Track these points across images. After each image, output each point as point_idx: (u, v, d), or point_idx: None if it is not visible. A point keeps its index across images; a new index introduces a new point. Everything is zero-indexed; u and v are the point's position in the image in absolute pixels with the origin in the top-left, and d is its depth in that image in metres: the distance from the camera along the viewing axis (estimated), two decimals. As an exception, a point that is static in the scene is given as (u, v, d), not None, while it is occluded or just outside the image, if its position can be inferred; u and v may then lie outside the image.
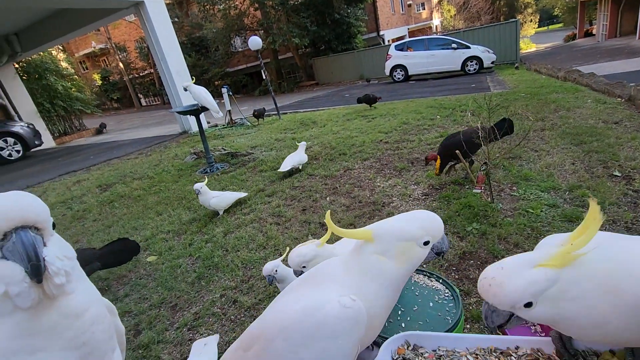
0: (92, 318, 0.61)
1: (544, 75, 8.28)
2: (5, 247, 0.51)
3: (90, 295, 0.63)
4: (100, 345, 0.62)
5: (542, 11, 41.03)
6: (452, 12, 25.51)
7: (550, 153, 3.06)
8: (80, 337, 0.58)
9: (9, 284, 0.51)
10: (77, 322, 0.58)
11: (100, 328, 0.63)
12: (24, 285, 0.51)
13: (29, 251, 0.51)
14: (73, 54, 25.99)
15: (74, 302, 0.58)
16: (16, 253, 0.50)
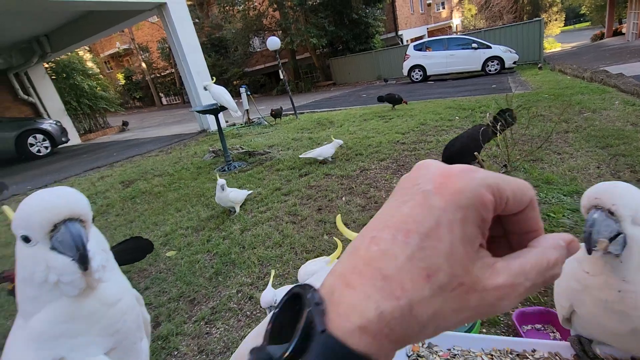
0: (124, 308, 0.64)
1: (569, 76, 8.02)
2: (55, 238, 0.55)
3: (123, 286, 0.67)
4: (130, 333, 0.66)
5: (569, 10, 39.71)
6: (473, 11, 25.01)
7: (574, 156, 2.97)
8: (113, 325, 0.62)
9: (61, 274, 0.55)
10: (111, 311, 0.62)
11: (131, 318, 0.66)
12: (76, 276, 0.56)
13: (76, 241, 0.55)
14: (98, 54, 26.90)
15: (110, 291, 0.62)
16: (65, 243, 0.54)
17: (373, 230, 0.21)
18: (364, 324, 0.18)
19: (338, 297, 0.20)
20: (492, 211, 0.21)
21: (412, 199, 0.21)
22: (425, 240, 0.20)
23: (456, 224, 0.20)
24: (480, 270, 0.20)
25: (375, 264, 0.20)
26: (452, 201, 0.20)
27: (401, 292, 0.19)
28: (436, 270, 0.19)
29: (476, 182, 0.20)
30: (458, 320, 0.20)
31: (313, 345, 0.18)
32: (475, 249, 0.20)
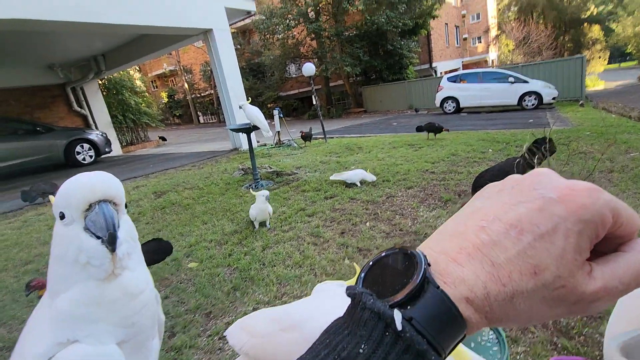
0: (144, 302, 0.65)
1: (614, 115, 7.65)
2: (89, 217, 0.57)
3: (146, 279, 0.67)
4: (144, 329, 0.66)
5: (613, 48, 38.54)
6: (510, 46, 24.81)
7: (620, 197, 2.76)
8: (131, 317, 0.62)
9: (91, 256, 0.57)
10: (132, 302, 0.62)
11: (148, 314, 0.67)
12: (105, 260, 0.58)
13: (108, 221, 0.57)
14: (147, 73, 28.96)
15: (133, 282, 0.63)
16: (97, 222, 0.57)
17: (482, 220, 0.23)
18: (471, 297, 0.21)
19: (444, 268, 0.22)
20: (606, 231, 0.22)
21: (529, 202, 0.23)
22: (539, 241, 0.21)
23: (573, 234, 0.21)
24: (582, 276, 0.22)
25: (485, 250, 0.22)
26: (574, 213, 0.21)
27: (507, 280, 0.21)
28: (544, 269, 0.21)
29: (601, 202, 0.22)
30: (551, 315, 0.23)
31: (427, 296, 0.21)
32: (583, 259, 0.22)
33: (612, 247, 0.24)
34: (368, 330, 0.21)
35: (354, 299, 0.23)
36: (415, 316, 0.21)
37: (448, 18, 24.02)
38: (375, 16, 14.51)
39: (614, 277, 0.22)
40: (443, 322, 0.21)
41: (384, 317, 0.21)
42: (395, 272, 0.24)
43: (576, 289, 0.22)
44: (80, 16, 5.33)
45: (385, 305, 0.22)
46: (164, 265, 2.45)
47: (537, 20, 25.82)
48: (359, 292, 0.23)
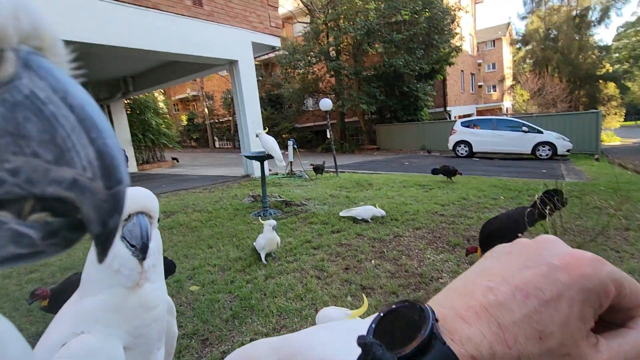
0: (155, 316, 0.67)
1: (630, 172, 7.57)
2: (126, 227, 0.63)
3: (163, 295, 0.71)
4: (150, 342, 0.67)
5: (629, 106, 38.78)
6: (525, 96, 25.25)
7: (636, 257, 2.69)
8: (141, 329, 0.65)
9: (123, 264, 0.62)
10: (146, 315, 0.65)
11: (157, 328, 0.69)
12: (134, 270, 0.62)
13: (143, 231, 0.62)
14: (170, 97, 30.23)
15: (151, 295, 0.66)
16: (133, 232, 0.62)
17: (489, 282, 0.24)
18: (477, 356, 0.21)
19: (452, 326, 0.23)
20: (609, 301, 0.23)
21: (535, 267, 0.23)
22: (544, 306, 0.22)
23: (577, 302, 0.22)
24: (587, 347, 0.22)
25: (492, 311, 0.23)
26: (578, 282, 0.22)
27: (513, 343, 0.21)
28: (549, 335, 0.22)
29: (604, 273, 0.23)
30: None
31: (434, 352, 0.21)
32: (587, 329, 0.22)
33: (619, 319, 0.24)
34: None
35: (364, 349, 0.23)
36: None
37: (464, 65, 24.78)
38: (393, 59, 15.09)
39: (619, 353, 0.22)
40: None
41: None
42: (404, 325, 0.24)
43: (581, 358, 0.22)
44: (117, 41, 5.72)
45: (394, 357, 0.22)
46: (166, 286, 2.43)
47: (552, 74, 26.38)
48: (370, 343, 0.23)
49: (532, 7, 31.74)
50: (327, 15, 16.21)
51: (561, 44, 28.83)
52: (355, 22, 15.00)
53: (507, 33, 33.44)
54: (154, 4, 6.13)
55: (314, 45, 16.86)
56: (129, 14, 5.81)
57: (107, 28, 5.55)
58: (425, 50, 15.72)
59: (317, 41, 16.95)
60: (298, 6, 19.75)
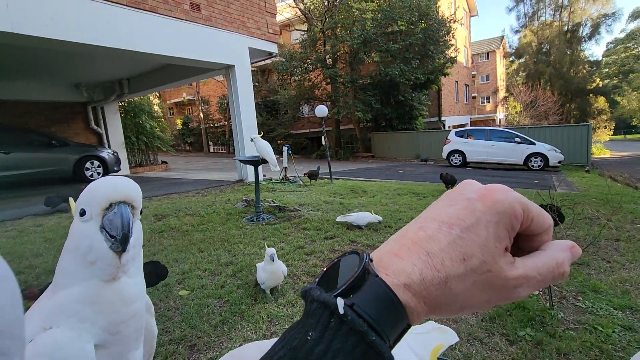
0: (133, 312, 0.64)
1: (620, 184, 7.68)
2: (107, 216, 0.60)
3: (141, 290, 0.67)
4: (127, 340, 0.64)
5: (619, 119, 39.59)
6: (518, 108, 25.64)
7: (627, 267, 2.71)
8: (118, 325, 0.62)
9: (99, 258, 0.59)
10: (123, 309, 0.62)
11: (135, 325, 0.65)
12: (112, 264, 0.60)
13: (124, 221, 0.60)
14: (166, 100, 30.13)
15: (130, 290, 0.63)
16: (114, 221, 0.59)
17: (421, 222, 0.28)
18: (409, 283, 0.24)
19: (386, 262, 0.26)
20: (519, 222, 0.26)
21: (457, 203, 0.27)
22: (465, 232, 0.25)
23: (491, 224, 0.25)
24: (505, 264, 0.25)
25: (421, 244, 0.26)
26: (491, 207, 0.26)
27: (441, 267, 0.25)
28: (471, 256, 0.25)
29: (512, 197, 0.26)
30: (483, 299, 0.25)
31: (367, 285, 0.24)
32: (503, 247, 0.26)
33: (534, 247, 0.28)
34: (316, 318, 0.24)
35: (305, 296, 0.26)
36: (356, 302, 0.23)
37: (459, 76, 25.13)
38: (389, 68, 15.25)
39: (533, 269, 0.26)
40: (382, 306, 0.24)
41: (329, 305, 0.23)
42: (344, 271, 0.27)
43: (500, 274, 0.25)
44: (114, 42, 5.69)
45: (330, 295, 0.24)
46: (154, 290, 2.38)
47: (544, 87, 26.85)
48: (309, 289, 0.26)
49: (525, 21, 32.44)
50: (325, 23, 16.36)
51: (553, 58, 29.44)
52: (352, 31, 15.16)
53: (501, 46, 34.07)
54: (152, 7, 6.13)
55: (311, 52, 16.97)
56: (126, 17, 5.80)
57: (104, 30, 5.52)
58: (420, 61, 15.91)
59: (314, 49, 17.08)
60: (296, 14, 19.93)
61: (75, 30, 5.19)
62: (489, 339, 1.79)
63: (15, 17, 4.58)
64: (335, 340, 0.22)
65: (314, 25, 16.92)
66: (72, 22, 5.13)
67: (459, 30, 21.21)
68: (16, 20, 4.59)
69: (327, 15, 16.32)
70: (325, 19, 16.37)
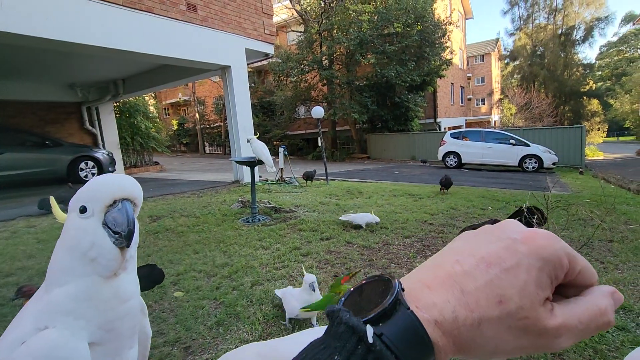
0: (128, 309, 0.64)
1: (613, 185, 7.76)
2: (110, 213, 0.61)
3: (136, 287, 0.68)
4: (122, 338, 0.64)
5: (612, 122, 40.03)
6: (512, 110, 25.86)
7: (620, 268, 2.73)
8: (113, 322, 0.62)
9: (101, 253, 0.59)
10: (119, 307, 0.62)
11: (130, 323, 0.65)
12: (113, 259, 0.60)
13: (129, 217, 0.61)
14: (161, 101, 30.01)
15: (126, 286, 0.64)
16: (118, 218, 0.60)
17: (457, 256, 0.26)
18: (440, 320, 0.23)
19: (417, 294, 0.25)
20: (564, 273, 0.25)
21: (499, 242, 0.26)
22: (504, 274, 0.24)
23: (534, 269, 0.24)
24: (544, 312, 0.24)
25: (457, 279, 0.25)
26: (535, 252, 0.25)
27: (475, 307, 0.23)
28: (508, 299, 0.23)
29: (558, 245, 0.25)
30: (516, 346, 0.24)
31: (397, 316, 0.23)
32: (544, 296, 0.24)
33: (572, 294, 0.27)
34: (342, 342, 0.23)
35: (331, 316, 0.25)
36: (385, 332, 0.23)
37: (454, 78, 25.28)
38: (385, 70, 15.31)
39: (573, 317, 0.25)
40: (411, 341, 0.23)
41: (357, 331, 0.23)
42: (372, 296, 0.26)
43: (538, 322, 0.24)
44: (109, 42, 5.65)
45: (359, 320, 0.23)
46: (149, 292, 2.36)
47: (538, 89, 27.11)
48: (337, 310, 0.25)
49: (520, 24, 32.76)
50: (321, 25, 16.39)
51: (547, 60, 29.74)
52: (348, 33, 15.21)
53: (496, 48, 34.35)
54: (148, 7, 6.10)
55: (307, 54, 17.00)
56: (122, 16, 5.76)
57: (99, 29, 5.49)
58: (416, 62, 15.99)
59: (311, 50, 17.10)
60: (292, 15, 19.95)
61: (70, 30, 5.15)
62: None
63: (10, 16, 4.54)
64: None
65: (311, 27, 16.95)
66: (66, 22, 5.09)
67: (454, 33, 21.35)
68: (10, 20, 4.55)
69: (323, 16, 16.35)
70: (321, 21, 16.40)
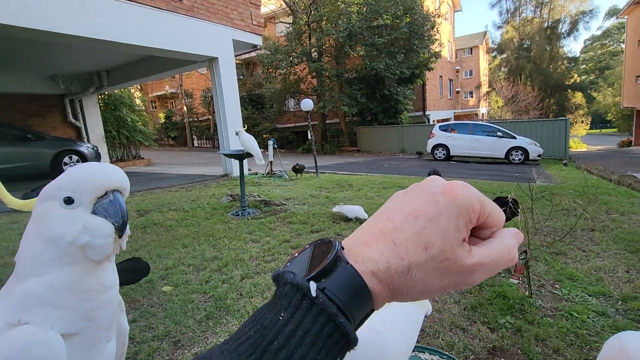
0: (109, 297, 0.64)
1: (595, 176, 7.96)
2: (100, 204, 0.61)
3: (116, 276, 0.68)
4: (102, 327, 0.64)
5: (595, 114, 40.95)
6: (499, 103, 26.19)
7: (601, 256, 2.81)
8: (95, 311, 0.61)
9: (95, 236, 0.58)
10: (101, 295, 0.62)
11: (110, 312, 0.65)
12: (110, 240, 0.60)
13: (123, 209, 0.61)
14: (147, 93, 29.36)
15: (110, 274, 0.64)
16: (111, 210, 0.60)
17: (389, 214, 0.30)
18: (375, 270, 0.26)
19: (356, 250, 0.28)
20: (477, 216, 0.29)
21: (423, 196, 0.29)
22: (428, 223, 0.27)
23: (452, 216, 0.28)
24: (462, 252, 0.28)
25: (389, 234, 0.28)
26: (453, 201, 0.28)
27: (405, 255, 0.27)
28: (432, 245, 0.27)
29: (471, 193, 0.29)
30: (440, 285, 0.28)
31: (338, 271, 0.26)
32: (461, 238, 0.28)
33: (487, 236, 0.31)
34: (288, 299, 0.25)
35: (276, 279, 0.27)
36: (328, 286, 0.25)
37: (443, 71, 25.40)
38: (374, 62, 15.27)
39: (487, 255, 0.28)
40: (351, 291, 0.25)
41: (301, 288, 0.25)
42: (315, 257, 0.28)
43: (457, 261, 0.27)
44: (91, 32, 5.48)
45: (303, 279, 0.25)
46: (136, 287, 2.34)
47: (525, 82, 27.49)
48: (282, 272, 0.27)
49: (507, 17, 33.01)
50: (310, 16, 16.21)
51: (534, 54, 30.11)
52: (337, 25, 15.09)
53: (484, 41, 34.58)
54: (131, -4, 5.93)
55: (296, 45, 16.81)
56: (104, 5, 5.59)
57: (80, 19, 5.31)
58: (405, 55, 16.00)
59: (300, 42, 16.92)
60: (280, 6, 19.67)
61: (49, 19, 4.97)
62: (470, 327, 1.84)
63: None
64: (305, 320, 0.24)
65: (299, 18, 16.75)
66: (46, 11, 4.91)
67: (443, 25, 21.39)
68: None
69: (312, 7, 16.16)
70: (310, 12, 16.22)
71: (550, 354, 1.61)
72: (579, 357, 1.57)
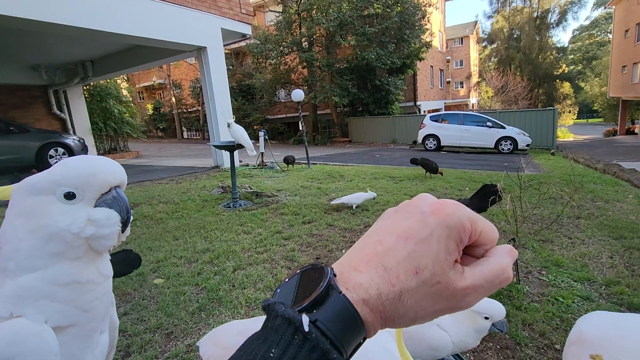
0: (106, 288, 0.65)
1: (582, 165, 8.12)
2: (103, 200, 0.61)
3: (111, 266, 0.68)
4: (97, 318, 0.64)
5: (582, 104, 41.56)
6: (489, 93, 26.37)
7: (586, 243, 2.89)
8: (92, 302, 0.61)
9: (102, 225, 0.59)
10: (99, 286, 0.62)
11: (105, 302, 0.66)
12: (117, 228, 0.61)
13: (126, 204, 0.63)
14: (135, 84, 28.74)
15: (108, 264, 0.65)
16: (114, 205, 0.62)
17: (379, 236, 0.29)
18: (367, 298, 0.25)
19: (347, 276, 0.27)
20: (468, 236, 0.27)
21: (413, 217, 0.28)
22: (419, 245, 0.26)
23: (443, 237, 0.26)
24: (454, 275, 0.26)
25: (379, 258, 0.27)
26: (443, 221, 0.27)
27: (396, 281, 0.26)
28: (423, 268, 0.26)
29: (461, 212, 0.27)
30: (433, 310, 0.26)
31: (330, 300, 0.25)
32: (452, 259, 0.27)
33: (479, 255, 0.29)
34: (279, 335, 0.24)
35: (267, 310, 0.26)
36: (320, 318, 0.24)
37: (434, 61, 25.39)
38: (365, 52, 15.17)
39: (480, 277, 0.27)
40: (344, 322, 0.24)
41: (293, 321, 0.24)
42: (308, 284, 0.27)
43: (449, 285, 0.26)
44: (74, 20, 5.31)
45: (295, 311, 0.24)
46: (127, 280, 2.32)
47: (514, 72, 27.67)
48: (272, 303, 0.26)
49: (497, 7, 33.00)
50: (300, 5, 15.96)
51: (523, 44, 30.26)
52: (328, 14, 14.88)
53: (475, 31, 34.59)
54: (115, -17, 5.74)
55: (286, 35, 16.56)
56: (86, -8, 5.40)
57: (62, 6, 5.13)
58: (396, 45, 15.91)
59: (290, 31, 16.67)
60: (270, -6, 19.30)
61: (30, 6, 4.79)
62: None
63: (-41, -10, 4.17)
64: (297, 358, 0.23)
65: (289, 7, 16.48)
66: None
67: (434, 15, 21.30)
68: (-40, -6, 4.19)
69: (302, -4, 15.91)
70: (300, 0, 15.96)
71: (536, 338, 1.66)
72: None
